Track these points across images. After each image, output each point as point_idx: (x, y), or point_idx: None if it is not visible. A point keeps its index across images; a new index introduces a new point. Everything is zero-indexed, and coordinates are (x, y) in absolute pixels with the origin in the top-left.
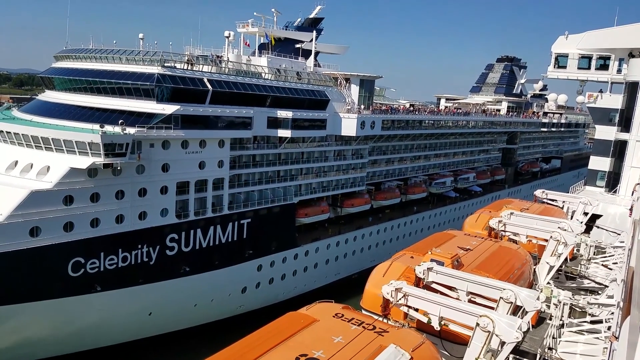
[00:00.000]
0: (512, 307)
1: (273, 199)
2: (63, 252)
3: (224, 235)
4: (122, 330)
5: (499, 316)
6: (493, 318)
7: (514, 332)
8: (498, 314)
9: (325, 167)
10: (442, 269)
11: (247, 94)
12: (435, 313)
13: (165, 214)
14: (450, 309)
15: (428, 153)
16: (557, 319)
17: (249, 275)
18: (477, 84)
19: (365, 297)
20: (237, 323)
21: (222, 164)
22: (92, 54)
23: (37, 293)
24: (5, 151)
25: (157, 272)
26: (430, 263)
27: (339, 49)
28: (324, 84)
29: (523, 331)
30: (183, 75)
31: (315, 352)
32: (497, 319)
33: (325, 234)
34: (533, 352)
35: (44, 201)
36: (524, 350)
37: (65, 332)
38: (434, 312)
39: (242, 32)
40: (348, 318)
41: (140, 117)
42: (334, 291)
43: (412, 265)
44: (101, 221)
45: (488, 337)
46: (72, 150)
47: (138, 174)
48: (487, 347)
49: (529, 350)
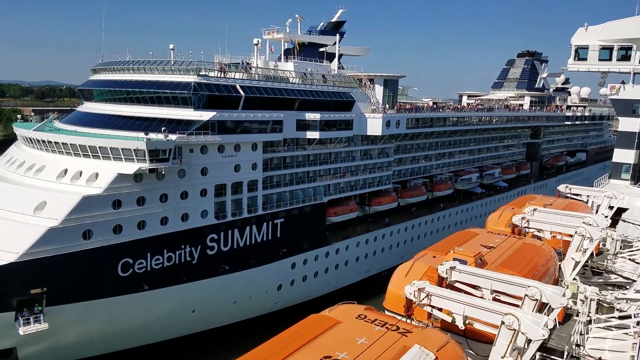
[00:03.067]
0: (538, 304)
1: (304, 199)
2: (113, 254)
3: (259, 235)
4: (168, 328)
5: (524, 314)
6: (518, 316)
7: (540, 329)
8: (523, 311)
9: (352, 167)
10: (466, 268)
11: (276, 99)
12: (459, 312)
13: (205, 216)
14: (475, 308)
15: (453, 150)
16: (584, 315)
17: (284, 273)
18: (499, 80)
19: (388, 298)
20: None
21: (255, 166)
22: (128, 66)
23: (91, 293)
24: (54, 160)
25: (200, 271)
26: (452, 262)
27: (362, 51)
28: (348, 85)
29: (549, 328)
30: (217, 83)
31: (339, 353)
32: (523, 317)
33: (354, 232)
34: (560, 349)
35: (94, 206)
36: (551, 347)
37: (115, 330)
38: (458, 312)
39: (268, 38)
40: (371, 319)
41: (179, 124)
42: (357, 291)
43: (435, 265)
44: (147, 223)
45: (514, 335)
46: (118, 157)
47: (180, 178)
48: (513, 346)
49: (556, 348)
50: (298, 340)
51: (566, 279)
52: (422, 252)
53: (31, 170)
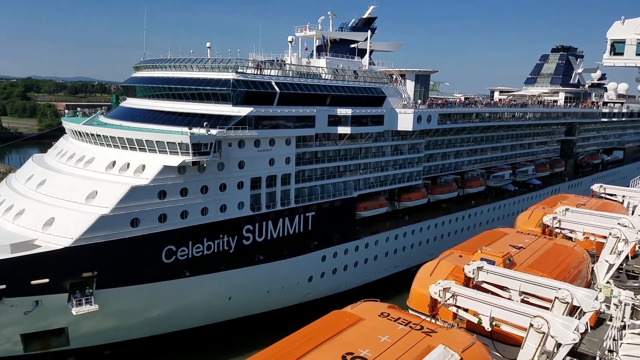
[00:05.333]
0: (569, 307)
1: (334, 193)
2: (158, 241)
3: (291, 227)
4: (206, 313)
5: (554, 317)
6: (548, 319)
7: (571, 333)
8: (553, 314)
9: (383, 162)
10: (493, 268)
11: (309, 94)
12: (486, 313)
13: (241, 207)
14: (502, 309)
15: (485, 146)
16: (617, 320)
17: (315, 265)
18: (532, 76)
19: (412, 297)
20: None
21: (288, 160)
22: (169, 64)
23: (137, 277)
24: (102, 152)
25: (236, 260)
26: (480, 262)
27: (393, 47)
28: (379, 81)
29: (580, 332)
30: (254, 80)
31: (361, 351)
32: (553, 320)
33: (383, 227)
34: (592, 354)
35: (142, 195)
36: (582, 352)
37: (158, 314)
38: (485, 313)
39: (301, 35)
40: (394, 317)
41: (218, 119)
42: (380, 289)
43: (461, 265)
44: (189, 213)
45: (543, 339)
46: (163, 150)
47: (219, 171)
48: (541, 349)
49: (587, 353)
50: (320, 336)
51: (599, 282)
52: (448, 251)
53: (81, 161)
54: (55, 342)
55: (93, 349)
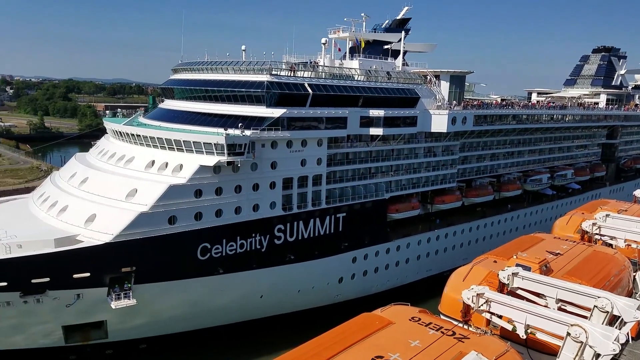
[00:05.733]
0: (609, 317)
1: (365, 195)
2: (194, 238)
3: (322, 228)
4: (239, 310)
5: (593, 326)
6: (586, 328)
7: (610, 343)
8: (592, 323)
9: (415, 164)
10: (529, 275)
11: (341, 96)
12: (520, 321)
13: (273, 207)
14: (538, 317)
15: (522, 149)
16: None
17: (345, 266)
18: (572, 77)
19: (444, 302)
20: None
21: (320, 161)
22: (206, 66)
23: (174, 273)
24: (142, 152)
25: (268, 259)
26: (515, 268)
27: (427, 47)
28: (413, 82)
29: (621, 343)
30: (287, 82)
31: (391, 354)
32: (591, 329)
33: (415, 229)
34: None
35: (179, 194)
36: None
37: (193, 310)
38: (520, 320)
39: (334, 37)
40: (425, 322)
41: (252, 120)
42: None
43: (495, 270)
44: (224, 212)
45: (580, 348)
46: (200, 150)
47: (252, 171)
48: (579, 359)
49: None
50: (349, 337)
51: None
52: (482, 256)
53: (122, 160)
54: (94, 334)
55: (130, 343)
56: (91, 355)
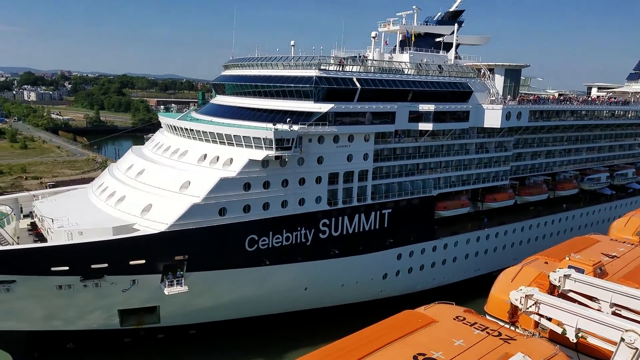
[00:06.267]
0: None
1: (412, 191)
2: (242, 230)
3: (367, 223)
4: (284, 301)
5: None
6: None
7: None
8: None
9: (466, 161)
10: (582, 277)
11: (390, 90)
12: (571, 324)
13: (319, 201)
14: (590, 321)
15: (580, 146)
16: None
17: (390, 262)
18: (636, 71)
19: (491, 302)
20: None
21: (366, 156)
22: (256, 62)
23: (223, 263)
24: (195, 146)
25: (312, 252)
26: (567, 270)
27: (481, 40)
28: (465, 75)
29: None
30: (336, 76)
31: (434, 352)
32: None
33: (464, 228)
34: None
35: (229, 187)
36: None
37: (240, 299)
38: (570, 323)
39: (384, 31)
40: (470, 322)
41: (300, 115)
42: (457, 292)
43: (546, 271)
44: (270, 205)
45: (635, 355)
46: (249, 144)
47: (299, 166)
48: None
49: None
50: (391, 334)
51: None
52: (532, 256)
53: (176, 154)
54: (148, 319)
55: (180, 328)
56: (144, 339)
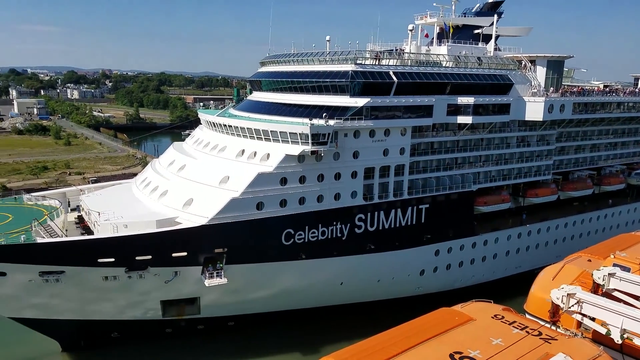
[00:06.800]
0: None
1: (451, 186)
2: (279, 224)
3: (403, 219)
4: (319, 296)
5: None
6: None
7: None
8: None
9: (507, 155)
10: (628, 276)
11: (427, 83)
12: (616, 324)
13: (354, 196)
14: (637, 322)
15: (627, 139)
16: None
17: (427, 258)
18: None
19: (530, 301)
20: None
21: (403, 151)
22: (292, 58)
23: (260, 256)
24: (233, 142)
25: (348, 247)
26: (612, 268)
27: (522, 31)
28: (506, 67)
29: None
30: (372, 70)
31: (471, 351)
32: None
33: (505, 224)
34: None
35: (266, 181)
36: None
37: (277, 292)
38: (615, 324)
39: (421, 23)
40: (509, 321)
41: (336, 110)
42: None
43: (589, 270)
44: (306, 200)
45: None
46: (286, 140)
47: (334, 160)
48: None
49: None
50: (427, 331)
51: None
52: (575, 254)
53: (215, 149)
54: (188, 310)
55: (219, 320)
56: (185, 329)
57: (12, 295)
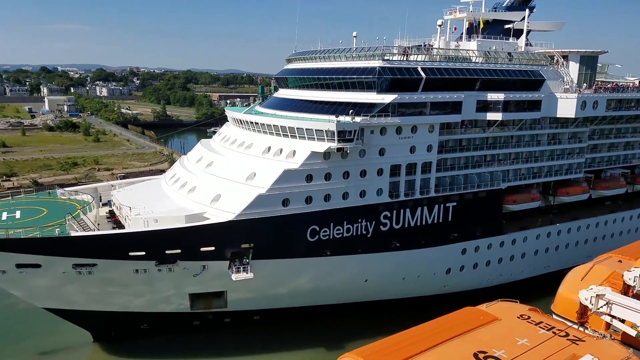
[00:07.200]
0: None
1: (479, 184)
2: (304, 220)
3: (430, 217)
4: (344, 292)
5: None
6: None
7: None
8: None
9: (537, 152)
10: None
11: (456, 79)
12: None
13: (380, 194)
14: None
15: None
16: None
17: (453, 257)
18: None
19: (558, 301)
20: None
21: (430, 148)
22: (318, 55)
23: (286, 252)
24: (259, 139)
25: (373, 244)
26: None
27: (554, 26)
28: (537, 63)
29: None
30: (400, 67)
31: (495, 350)
32: None
33: (534, 223)
34: None
35: (292, 178)
36: None
37: (301, 288)
38: None
39: (450, 18)
40: (535, 321)
41: (362, 107)
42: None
43: (620, 270)
44: (332, 197)
45: None
46: (312, 137)
47: (360, 157)
48: None
49: None
50: (451, 330)
51: None
52: (605, 254)
53: (242, 146)
54: (215, 303)
55: (245, 313)
56: (212, 322)
57: (47, 287)
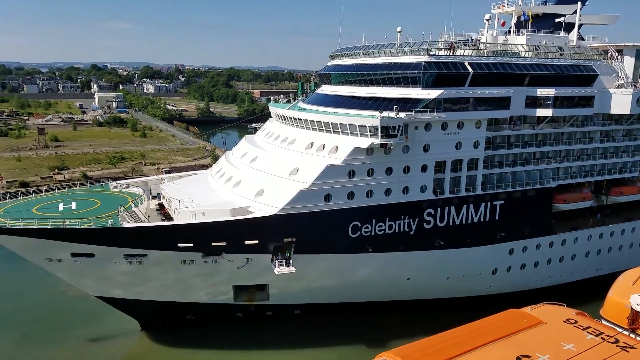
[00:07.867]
0: None
1: (528, 182)
2: (346, 216)
3: (476, 215)
4: (385, 290)
5: None
6: None
7: None
8: None
9: (589, 150)
10: None
11: (505, 74)
12: None
13: (424, 190)
14: None
15: None
16: None
17: (500, 257)
18: None
19: (607, 306)
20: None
21: (477, 144)
22: (362, 50)
23: (327, 247)
24: (302, 134)
25: (416, 242)
26: None
27: (608, 19)
28: (590, 57)
29: None
30: (446, 61)
31: (539, 355)
32: None
33: (586, 223)
34: None
35: (334, 174)
36: None
37: (342, 283)
38: None
39: (497, 12)
40: (583, 326)
41: (407, 102)
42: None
43: None
44: (374, 193)
45: None
46: (355, 133)
47: (404, 153)
48: None
49: None
50: (493, 332)
51: None
52: None
53: (285, 142)
54: (258, 296)
55: (286, 307)
56: (254, 315)
57: (99, 276)
